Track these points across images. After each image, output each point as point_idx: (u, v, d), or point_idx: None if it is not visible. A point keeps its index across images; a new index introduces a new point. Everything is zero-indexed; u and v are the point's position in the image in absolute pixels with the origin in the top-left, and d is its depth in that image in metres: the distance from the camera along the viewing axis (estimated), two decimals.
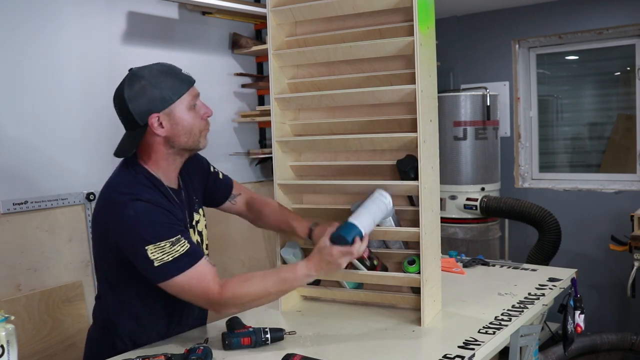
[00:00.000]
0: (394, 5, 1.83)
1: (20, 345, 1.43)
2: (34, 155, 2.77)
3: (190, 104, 1.62)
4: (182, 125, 1.61)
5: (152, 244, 1.52)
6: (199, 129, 1.65)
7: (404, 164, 1.85)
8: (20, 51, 2.72)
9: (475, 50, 4.72)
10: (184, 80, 1.62)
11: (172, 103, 1.59)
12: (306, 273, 1.63)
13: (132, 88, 1.58)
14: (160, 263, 1.52)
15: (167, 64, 1.65)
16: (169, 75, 1.61)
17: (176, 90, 1.59)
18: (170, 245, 1.53)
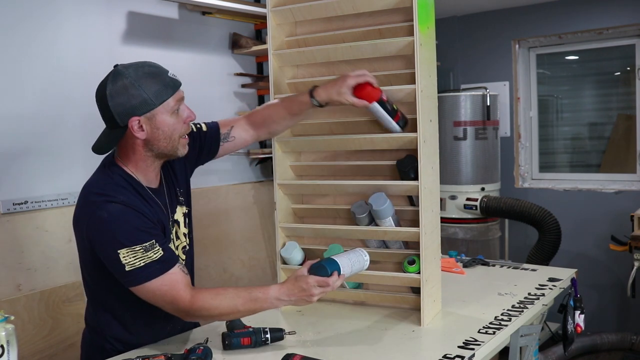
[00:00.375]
0: (394, 5, 1.83)
1: (20, 345, 1.43)
2: (34, 155, 2.77)
3: (173, 109, 1.58)
4: (162, 129, 1.58)
5: (126, 248, 1.50)
6: (179, 133, 1.62)
7: (404, 164, 1.85)
8: (20, 51, 2.72)
9: (475, 50, 4.72)
10: (169, 84, 1.57)
11: (154, 108, 1.55)
12: (277, 296, 1.59)
13: (115, 87, 1.54)
14: (132, 268, 1.50)
15: (154, 65, 1.60)
16: (154, 78, 1.56)
17: (160, 95, 1.55)
18: (143, 251, 1.51)
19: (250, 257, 3.84)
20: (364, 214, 1.91)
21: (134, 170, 1.63)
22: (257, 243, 3.89)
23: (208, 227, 3.56)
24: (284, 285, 1.61)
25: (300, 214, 2.09)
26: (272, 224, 2.07)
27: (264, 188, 3.93)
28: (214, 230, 3.62)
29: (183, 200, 1.80)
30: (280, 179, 2.01)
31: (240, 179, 3.86)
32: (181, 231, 1.77)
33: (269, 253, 3.89)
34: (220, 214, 3.65)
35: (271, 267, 3.83)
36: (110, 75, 1.58)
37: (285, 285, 1.61)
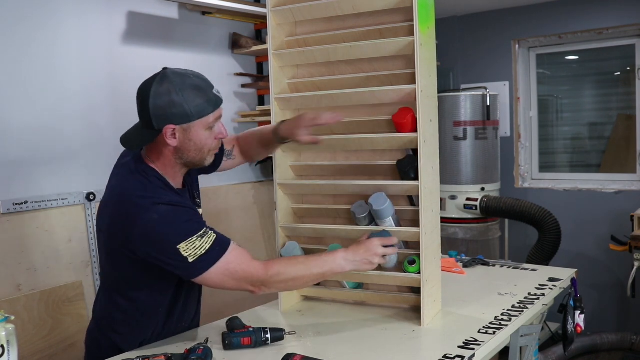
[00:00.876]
0: (394, 5, 1.83)
1: (20, 345, 1.43)
2: (34, 155, 2.77)
3: (209, 125, 1.61)
4: (194, 142, 1.61)
5: (183, 242, 1.53)
6: (209, 148, 1.65)
7: (404, 164, 1.85)
8: (20, 51, 2.72)
9: (475, 50, 4.72)
10: (212, 101, 1.60)
11: (192, 121, 1.57)
12: (344, 257, 1.70)
13: (159, 89, 1.55)
14: (195, 258, 1.54)
15: (201, 77, 1.62)
16: (199, 91, 1.58)
17: (201, 111, 1.57)
18: (199, 239, 1.55)
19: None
20: (364, 214, 1.91)
21: (163, 171, 1.66)
22: (257, 243, 3.89)
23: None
24: (350, 248, 1.73)
25: (300, 214, 2.09)
26: (272, 224, 2.07)
27: (264, 188, 3.93)
28: None
29: (199, 202, 1.85)
30: (280, 179, 2.01)
31: (240, 179, 3.86)
32: None
33: (269, 253, 3.89)
34: (220, 214, 3.65)
35: None
36: (158, 77, 1.58)
37: (351, 248, 1.73)
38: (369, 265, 1.73)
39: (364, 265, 1.72)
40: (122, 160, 1.73)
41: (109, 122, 3.05)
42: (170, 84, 1.55)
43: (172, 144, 1.59)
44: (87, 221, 2.93)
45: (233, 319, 1.79)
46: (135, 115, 1.70)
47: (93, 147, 2.98)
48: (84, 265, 2.92)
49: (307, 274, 1.67)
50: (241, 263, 1.60)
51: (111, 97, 3.06)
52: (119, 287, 1.70)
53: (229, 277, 1.59)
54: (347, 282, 2.02)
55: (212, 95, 1.60)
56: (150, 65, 3.26)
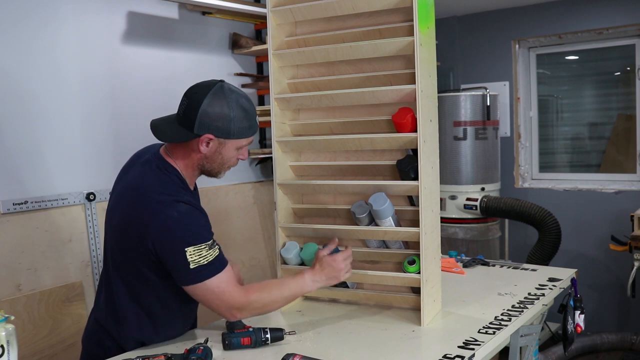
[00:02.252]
0: (394, 5, 1.83)
1: (20, 345, 1.43)
2: (34, 155, 2.77)
3: (240, 147, 1.71)
4: (222, 156, 1.69)
5: (192, 246, 1.57)
6: (229, 165, 1.74)
7: (404, 164, 1.85)
8: (20, 51, 2.72)
9: (475, 50, 4.72)
10: (253, 128, 1.70)
11: (230, 139, 1.66)
12: (312, 278, 1.76)
13: (214, 99, 1.62)
14: (196, 265, 1.57)
15: (251, 102, 1.71)
16: (247, 115, 1.67)
17: (241, 133, 1.66)
18: (207, 249, 1.59)
19: (250, 257, 3.84)
20: (364, 214, 1.91)
21: (183, 172, 1.71)
22: (257, 243, 3.89)
23: None
24: (315, 268, 1.79)
25: (300, 214, 2.09)
26: (272, 224, 2.07)
27: (264, 188, 3.93)
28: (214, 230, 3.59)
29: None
30: (280, 179, 2.01)
31: (240, 179, 3.85)
32: None
33: (269, 253, 3.89)
34: (220, 214, 3.64)
35: (271, 267, 3.83)
36: (216, 87, 1.64)
37: (316, 268, 1.79)
38: (336, 281, 1.80)
39: (330, 281, 1.79)
40: (142, 157, 1.74)
41: (109, 122, 3.05)
42: (226, 98, 1.63)
43: (202, 152, 1.66)
44: (87, 221, 2.93)
45: None
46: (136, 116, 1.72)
47: (93, 147, 2.98)
48: (84, 265, 2.92)
49: (280, 297, 1.73)
50: (229, 285, 1.63)
51: (111, 97, 3.06)
52: (132, 285, 1.70)
53: (216, 296, 1.62)
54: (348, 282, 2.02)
55: (255, 122, 1.70)
56: (151, 66, 3.29)
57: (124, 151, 1.81)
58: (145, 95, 3.19)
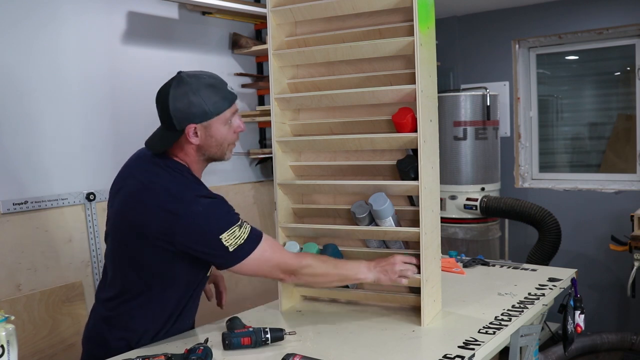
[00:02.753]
0: (394, 5, 1.83)
1: (20, 345, 1.43)
2: (34, 155, 2.77)
3: (227, 120, 1.70)
4: (215, 138, 1.69)
5: (225, 232, 1.62)
6: (229, 142, 1.74)
7: (404, 164, 1.85)
8: (20, 51, 2.72)
9: (475, 50, 4.72)
10: (227, 97, 1.69)
11: (212, 118, 1.66)
12: (367, 266, 1.81)
13: (177, 92, 1.64)
14: (235, 247, 1.63)
15: (214, 77, 1.71)
16: (215, 89, 1.67)
17: (218, 107, 1.66)
18: (239, 229, 1.64)
19: None
20: (364, 214, 1.91)
21: (193, 169, 1.74)
22: None
23: None
24: (375, 260, 1.83)
25: (300, 214, 2.09)
26: (272, 224, 2.07)
27: (264, 188, 3.93)
28: None
29: None
30: (280, 179, 2.01)
31: (240, 179, 3.85)
32: None
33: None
34: None
35: None
36: (174, 81, 1.67)
37: (375, 260, 1.83)
38: (387, 279, 1.80)
39: (383, 275, 1.80)
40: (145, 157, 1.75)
41: (109, 122, 3.05)
42: (187, 85, 1.64)
43: (194, 142, 1.68)
44: (87, 221, 2.93)
45: (233, 319, 1.79)
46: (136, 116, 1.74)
47: (93, 147, 2.98)
48: (84, 265, 2.92)
49: (334, 273, 1.79)
50: (275, 251, 1.71)
51: (111, 97, 3.06)
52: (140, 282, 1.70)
53: (265, 264, 1.69)
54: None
55: (227, 92, 1.69)
56: (151, 65, 3.29)
57: (124, 151, 1.81)
58: (145, 95, 3.17)
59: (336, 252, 1.93)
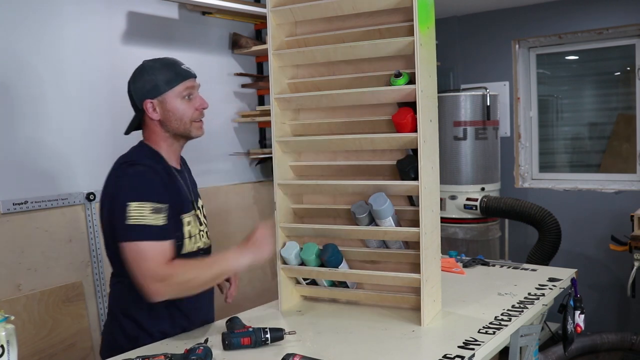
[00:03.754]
0: (394, 5, 1.83)
1: (20, 345, 1.43)
2: (34, 155, 2.77)
3: (182, 95, 1.76)
4: (173, 112, 1.75)
5: (137, 202, 1.61)
6: (190, 118, 1.78)
7: (404, 164, 1.85)
8: (21, 51, 2.72)
9: (475, 50, 4.72)
10: (180, 73, 1.77)
11: (164, 92, 1.74)
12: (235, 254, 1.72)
13: (135, 76, 1.77)
14: (133, 223, 1.60)
15: (171, 59, 1.81)
16: (167, 67, 1.76)
17: (169, 81, 1.74)
18: (150, 211, 1.62)
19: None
20: (364, 214, 1.91)
21: (158, 148, 1.80)
22: None
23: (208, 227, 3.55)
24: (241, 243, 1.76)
25: (300, 214, 2.09)
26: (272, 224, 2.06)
27: (264, 188, 3.93)
28: (214, 230, 3.58)
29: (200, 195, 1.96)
30: (280, 179, 2.01)
31: (240, 179, 3.85)
32: (202, 218, 1.90)
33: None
34: (220, 214, 3.64)
35: (271, 267, 3.83)
36: (137, 68, 1.79)
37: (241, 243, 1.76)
38: (261, 254, 1.74)
39: (257, 256, 1.73)
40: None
41: (109, 122, 3.05)
42: (144, 67, 1.77)
43: (154, 118, 1.75)
44: (87, 221, 2.93)
45: (233, 319, 1.79)
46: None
47: (93, 147, 2.98)
48: (84, 265, 2.92)
49: (204, 273, 1.69)
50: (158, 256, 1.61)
51: (111, 97, 3.06)
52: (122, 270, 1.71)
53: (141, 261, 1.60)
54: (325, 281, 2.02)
55: (180, 69, 1.78)
56: None
57: (123, 151, 1.81)
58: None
59: (336, 252, 1.93)
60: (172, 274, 1.62)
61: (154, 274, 1.60)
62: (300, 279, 2.06)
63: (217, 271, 1.72)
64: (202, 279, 1.69)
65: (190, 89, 1.78)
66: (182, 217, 1.77)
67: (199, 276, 1.68)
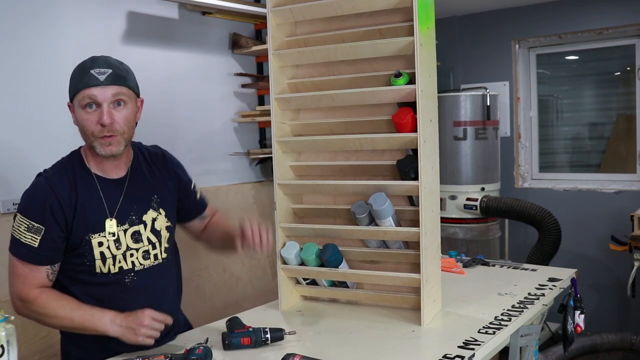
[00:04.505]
0: (394, 5, 1.83)
1: (20, 345, 1.43)
2: (34, 155, 2.76)
3: (82, 104, 1.58)
4: (78, 121, 1.63)
5: (21, 215, 1.58)
6: (91, 132, 1.60)
7: (404, 164, 1.85)
8: (21, 51, 2.72)
9: (475, 50, 4.72)
10: (84, 80, 1.57)
11: (71, 99, 1.61)
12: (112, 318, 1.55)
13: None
14: (13, 234, 1.58)
15: (95, 60, 1.61)
16: (79, 71, 1.60)
17: (74, 87, 1.60)
18: (26, 228, 1.57)
19: (250, 257, 3.84)
20: (364, 214, 1.91)
21: (87, 154, 1.69)
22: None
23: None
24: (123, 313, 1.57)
25: (300, 214, 2.09)
26: (272, 224, 2.06)
27: (264, 188, 3.93)
28: None
29: (156, 207, 1.75)
30: (280, 179, 2.01)
31: (240, 179, 3.85)
32: (145, 234, 1.71)
33: (269, 253, 3.88)
34: None
35: (271, 267, 3.83)
36: None
37: (124, 314, 1.57)
38: (134, 336, 1.54)
39: (128, 333, 1.54)
40: None
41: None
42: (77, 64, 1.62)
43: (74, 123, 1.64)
44: None
45: (233, 319, 1.79)
46: None
47: None
48: None
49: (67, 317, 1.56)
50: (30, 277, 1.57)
51: None
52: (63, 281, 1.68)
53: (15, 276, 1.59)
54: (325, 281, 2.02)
55: (88, 73, 1.57)
56: (151, 66, 3.29)
57: None
58: (145, 95, 3.16)
59: (336, 252, 1.93)
60: (33, 301, 1.57)
61: (18, 292, 1.58)
62: (300, 279, 2.06)
63: (79, 322, 1.56)
64: (60, 321, 1.58)
65: (91, 98, 1.56)
66: (91, 236, 1.61)
67: (58, 316, 1.56)
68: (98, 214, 1.63)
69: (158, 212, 1.75)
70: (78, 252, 1.61)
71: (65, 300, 1.59)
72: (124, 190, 1.69)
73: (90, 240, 1.61)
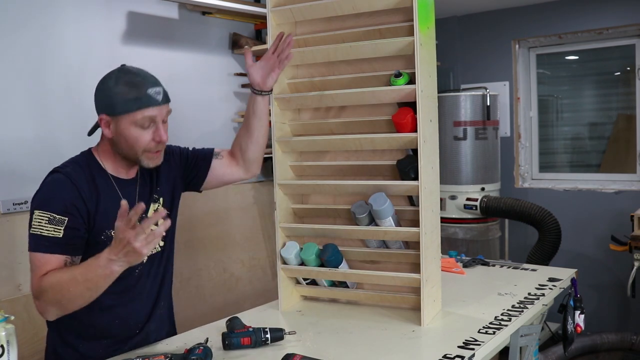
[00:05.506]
0: (394, 5, 1.83)
1: (20, 345, 1.42)
2: (34, 155, 2.77)
3: (138, 123, 1.59)
4: (124, 137, 1.61)
5: (40, 210, 1.55)
6: (143, 148, 1.62)
7: (404, 164, 1.85)
8: (22, 51, 2.72)
9: (475, 50, 4.72)
10: (141, 100, 1.58)
11: (119, 114, 1.58)
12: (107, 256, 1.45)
13: (101, 81, 1.63)
14: (33, 232, 1.54)
15: (144, 77, 1.62)
16: (132, 88, 1.58)
17: (127, 105, 1.57)
18: (47, 221, 1.54)
19: (250, 257, 3.84)
20: (364, 214, 1.91)
21: (102, 157, 1.69)
22: (257, 243, 3.89)
23: (208, 227, 3.56)
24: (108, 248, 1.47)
25: (300, 214, 2.09)
26: (272, 224, 2.07)
27: (264, 188, 3.93)
28: (214, 230, 3.62)
29: (157, 198, 1.80)
30: (280, 179, 2.01)
31: None
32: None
33: (269, 253, 3.89)
34: (220, 214, 3.64)
35: (271, 267, 3.84)
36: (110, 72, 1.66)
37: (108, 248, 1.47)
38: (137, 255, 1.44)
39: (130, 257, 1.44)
40: None
41: None
42: (110, 76, 1.62)
43: (106, 135, 1.64)
44: None
45: (233, 319, 1.79)
46: None
47: None
48: None
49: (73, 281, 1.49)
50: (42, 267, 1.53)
51: None
52: None
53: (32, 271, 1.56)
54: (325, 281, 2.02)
55: (145, 94, 1.58)
56: (151, 66, 3.26)
57: None
58: None
59: (336, 252, 1.93)
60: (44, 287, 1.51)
61: (34, 289, 1.54)
62: (300, 279, 2.06)
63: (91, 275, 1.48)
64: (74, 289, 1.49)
65: (151, 118, 1.60)
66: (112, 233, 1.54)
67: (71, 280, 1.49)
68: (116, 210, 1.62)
69: (158, 202, 1.81)
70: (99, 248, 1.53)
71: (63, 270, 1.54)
72: (137, 189, 1.75)
73: (112, 237, 1.56)
